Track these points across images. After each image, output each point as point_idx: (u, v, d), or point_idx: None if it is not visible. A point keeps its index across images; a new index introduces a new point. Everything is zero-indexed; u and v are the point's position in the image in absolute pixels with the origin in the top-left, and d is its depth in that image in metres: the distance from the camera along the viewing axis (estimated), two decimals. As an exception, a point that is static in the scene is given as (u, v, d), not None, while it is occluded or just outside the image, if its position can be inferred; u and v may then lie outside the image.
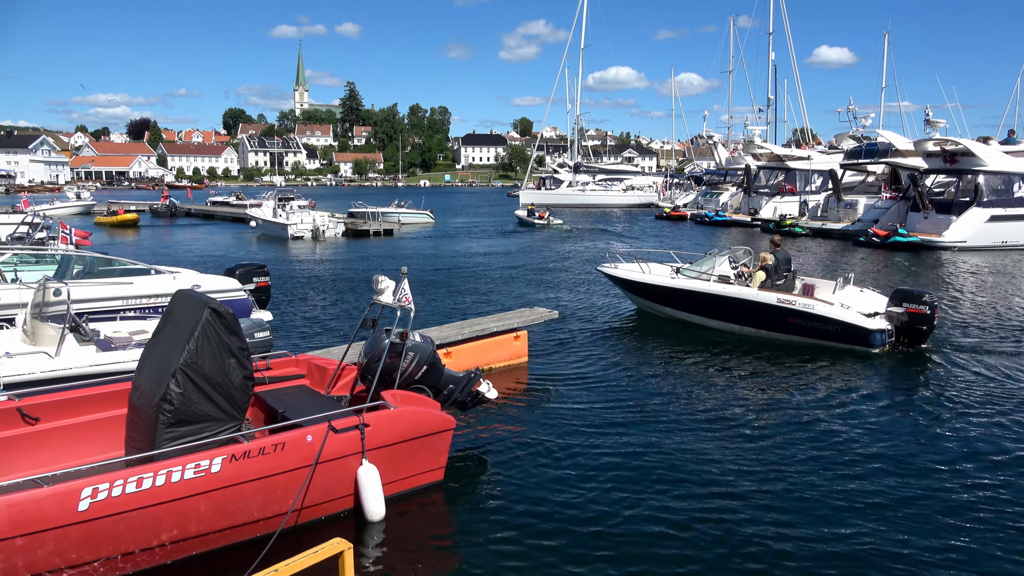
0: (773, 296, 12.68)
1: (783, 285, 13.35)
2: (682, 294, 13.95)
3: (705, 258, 14.78)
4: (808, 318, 12.30)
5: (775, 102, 62.30)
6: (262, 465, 5.58)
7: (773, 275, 13.29)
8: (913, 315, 12.03)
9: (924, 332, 12.11)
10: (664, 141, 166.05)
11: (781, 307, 12.56)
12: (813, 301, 12.44)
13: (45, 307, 8.46)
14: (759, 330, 13.01)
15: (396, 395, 6.71)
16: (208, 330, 5.77)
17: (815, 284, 13.53)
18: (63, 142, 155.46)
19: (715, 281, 13.57)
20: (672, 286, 14.13)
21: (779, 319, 12.63)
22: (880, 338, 12.04)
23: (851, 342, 12.09)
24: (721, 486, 6.95)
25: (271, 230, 36.65)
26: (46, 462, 6.10)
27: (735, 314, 13.26)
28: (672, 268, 14.83)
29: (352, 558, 4.44)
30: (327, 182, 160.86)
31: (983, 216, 30.16)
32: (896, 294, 12.44)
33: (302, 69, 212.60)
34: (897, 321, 12.18)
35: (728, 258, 14.29)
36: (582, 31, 67.96)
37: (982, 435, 8.31)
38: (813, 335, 12.37)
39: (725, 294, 13.29)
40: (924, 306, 11.96)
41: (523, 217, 47.75)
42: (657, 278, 14.53)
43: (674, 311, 14.44)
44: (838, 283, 13.14)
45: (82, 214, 50.94)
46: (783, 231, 37.39)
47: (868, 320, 12.11)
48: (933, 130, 33.83)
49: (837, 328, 12.12)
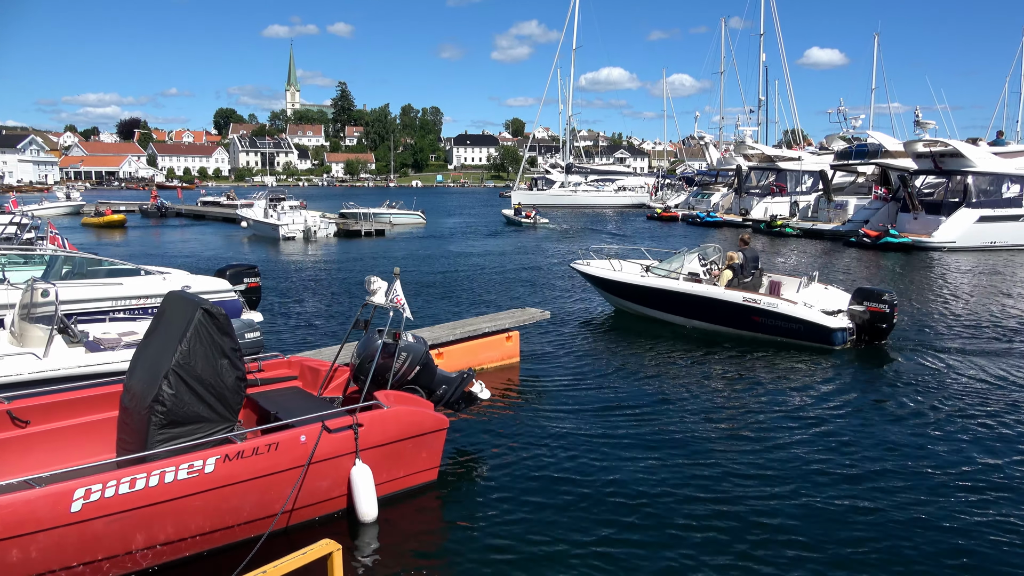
0: (739, 295, 12.93)
1: (750, 283, 13.62)
2: (651, 292, 14.19)
3: (675, 256, 15.00)
4: (772, 316, 12.58)
5: (766, 103, 62.73)
6: (256, 465, 5.56)
7: (740, 274, 13.57)
8: (874, 313, 12.33)
9: (884, 330, 12.42)
10: (656, 142, 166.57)
11: (747, 306, 12.81)
12: (778, 300, 12.75)
13: (33, 308, 8.39)
14: (727, 328, 13.23)
15: (389, 395, 6.70)
16: (200, 331, 5.74)
17: (781, 282, 13.83)
18: (52, 142, 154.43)
19: (685, 279, 13.81)
20: (641, 284, 14.37)
21: (745, 317, 12.88)
22: (841, 336, 12.32)
23: (813, 340, 12.37)
24: (710, 481, 7.00)
25: (262, 231, 36.52)
26: (36, 465, 6.05)
27: (703, 312, 13.49)
28: (643, 266, 15.00)
29: (341, 559, 4.41)
30: (319, 182, 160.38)
31: (972, 217, 30.38)
32: (857, 293, 12.72)
33: (293, 69, 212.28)
34: (858, 319, 12.46)
35: (698, 256, 14.49)
36: (574, 32, 68.15)
37: (935, 428, 8.65)
38: (777, 333, 12.63)
39: (693, 292, 13.53)
40: (884, 304, 12.26)
41: (510, 216, 48.46)
42: (627, 276, 14.72)
43: (644, 308, 14.70)
44: (802, 281, 13.48)
45: (71, 214, 50.60)
46: (774, 231, 37.59)
47: (830, 318, 12.39)
48: (923, 131, 34.03)
49: (800, 326, 12.40)
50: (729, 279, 13.39)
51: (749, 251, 13.95)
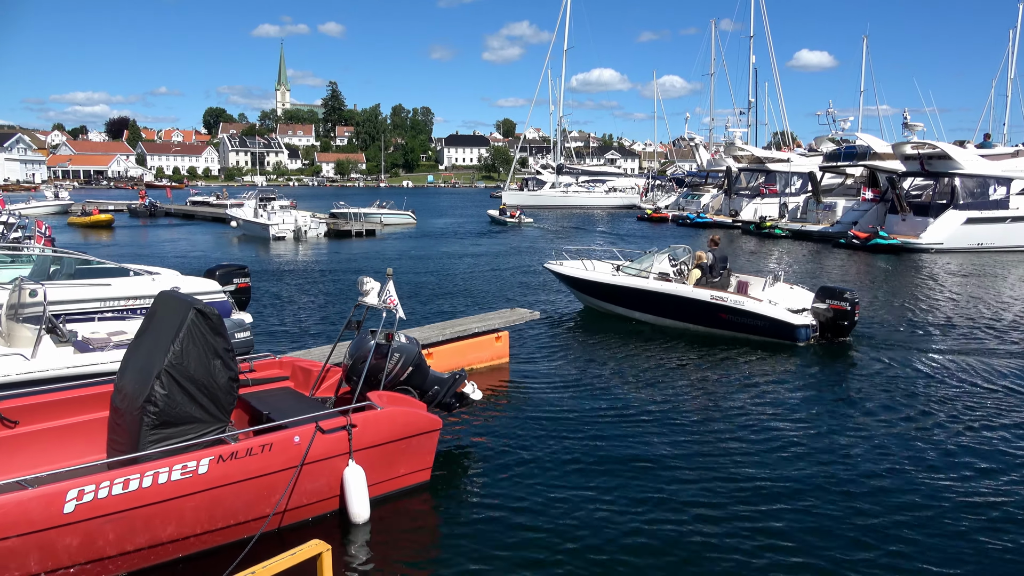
0: (707, 293, 13.30)
1: (719, 282, 13.97)
2: (622, 291, 14.52)
3: (645, 256, 15.34)
4: (739, 314, 12.95)
5: (756, 105, 62.87)
6: (249, 466, 5.55)
7: (709, 273, 13.91)
8: (836, 311, 12.72)
9: (846, 327, 12.80)
10: (647, 143, 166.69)
11: (714, 304, 13.17)
12: (744, 298, 13.14)
13: (21, 308, 8.33)
14: (695, 325, 13.56)
15: (382, 396, 6.70)
16: (193, 331, 5.72)
17: (749, 281, 14.16)
18: (40, 140, 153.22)
19: (655, 279, 14.14)
20: (612, 283, 14.71)
21: (713, 315, 13.24)
22: (805, 333, 12.73)
23: (778, 336, 12.76)
24: (696, 476, 7.07)
25: (252, 230, 36.37)
26: (25, 466, 6.01)
27: (672, 310, 13.84)
28: (614, 266, 15.29)
29: (330, 560, 4.43)
30: (309, 182, 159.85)
31: (959, 218, 30.65)
32: (821, 291, 13.14)
33: (284, 69, 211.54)
34: (822, 317, 12.86)
35: (668, 256, 14.83)
36: (565, 33, 68.24)
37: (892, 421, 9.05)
38: (744, 330, 13.01)
39: (662, 291, 13.88)
40: (846, 303, 12.65)
41: (495, 216, 49.43)
42: (599, 276, 15.03)
43: (615, 307, 14.97)
44: (767, 280, 13.89)
45: (59, 213, 50.20)
46: (763, 233, 37.79)
47: (794, 316, 12.78)
48: (911, 133, 34.29)
49: (765, 324, 12.78)
50: (698, 278, 13.73)
51: (718, 251, 14.32)
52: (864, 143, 39.30)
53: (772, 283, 13.84)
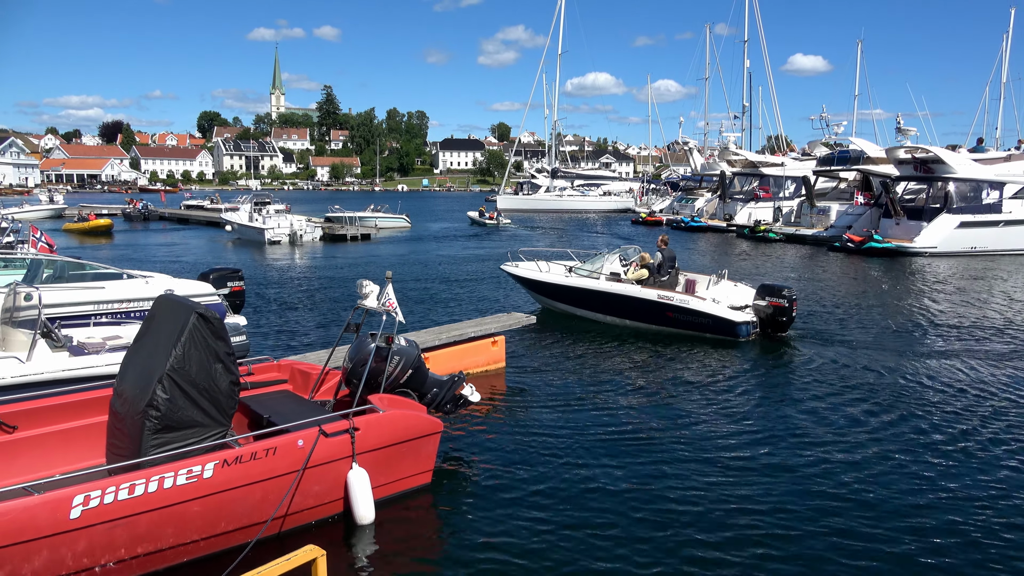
0: (654, 293, 13.82)
1: (667, 281, 14.44)
2: (574, 291, 14.94)
3: (597, 257, 15.78)
4: (684, 312, 13.49)
5: (750, 109, 63.21)
6: (254, 470, 5.54)
7: (657, 272, 14.41)
8: (775, 308, 13.32)
9: (785, 323, 13.41)
10: (641, 147, 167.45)
11: (661, 303, 13.69)
12: (689, 297, 13.72)
13: (16, 312, 8.30)
14: (644, 323, 14.04)
15: (383, 399, 6.70)
16: (195, 335, 5.69)
17: (696, 279, 14.66)
18: (33, 144, 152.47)
19: (607, 279, 14.54)
20: (565, 284, 15.10)
21: (660, 313, 13.75)
22: (745, 329, 13.30)
23: (721, 333, 13.32)
24: (696, 475, 7.11)
25: (247, 234, 36.31)
26: (24, 470, 5.99)
27: (622, 309, 14.30)
28: (567, 267, 15.58)
29: (325, 565, 4.43)
30: (304, 186, 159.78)
31: (953, 222, 30.81)
32: (761, 289, 13.71)
33: (279, 72, 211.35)
34: (762, 313, 13.47)
35: (619, 257, 15.30)
36: (559, 37, 68.46)
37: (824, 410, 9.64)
38: (689, 327, 13.57)
39: (612, 291, 14.31)
40: (784, 300, 13.27)
41: (475, 218, 52.03)
42: (552, 276, 15.38)
43: (568, 307, 15.34)
44: (711, 279, 14.39)
45: (52, 217, 49.94)
46: (757, 236, 37.91)
47: (735, 313, 13.35)
48: (904, 138, 34.47)
49: (709, 321, 13.35)
50: (644, 277, 14.27)
51: (666, 252, 14.76)
52: (858, 147, 39.49)
53: (716, 281, 14.33)
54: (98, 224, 41.50)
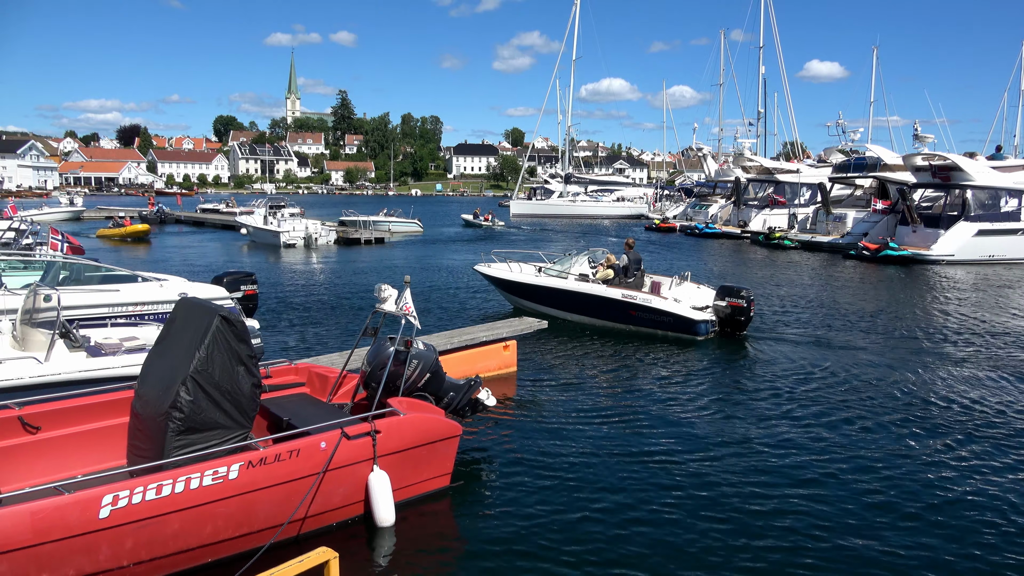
0: (618, 292, 14.44)
1: (633, 282, 15.02)
2: (543, 291, 15.56)
3: (565, 258, 16.41)
4: (647, 311, 14.13)
5: (765, 115, 62.90)
6: (278, 471, 5.58)
7: (623, 274, 15.05)
8: (734, 308, 13.96)
9: (743, 322, 14.05)
10: (655, 153, 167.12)
11: (625, 302, 14.31)
12: (652, 296, 14.35)
13: (35, 313, 8.40)
14: (609, 322, 14.59)
15: (403, 402, 6.75)
16: (218, 337, 5.74)
17: (661, 281, 15.30)
18: (52, 147, 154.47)
19: (575, 279, 15.15)
20: (534, 283, 15.74)
21: (624, 312, 14.37)
22: (704, 327, 13.92)
23: (681, 331, 13.96)
24: (714, 476, 7.10)
25: (262, 238, 36.53)
26: (46, 471, 6.04)
27: (588, 308, 14.90)
28: (536, 267, 16.24)
29: (338, 567, 4.43)
30: (318, 190, 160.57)
31: (970, 230, 30.51)
32: (721, 290, 14.38)
33: (294, 77, 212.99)
34: (721, 313, 14.12)
35: (588, 258, 15.94)
36: (574, 43, 68.33)
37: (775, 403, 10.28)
38: (652, 325, 14.21)
39: (579, 290, 14.90)
40: (742, 300, 13.92)
41: (470, 220, 54.34)
42: (522, 276, 16.00)
43: (538, 306, 15.76)
44: (674, 280, 15.12)
45: (71, 219, 50.49)
46: (773, 243, 37.70)
47: (695, 312, 13.99)
48: (922, 145, 34.21)
49: (670, 319, 14.00)
50: (609, 277, 14.90)
51: (632, 254, 15.35)
52: (874, 154, 39.21)
53: (679, 282, 15.04)
54: (135, 230, 39.10)
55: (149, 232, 39.66)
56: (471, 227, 52.00)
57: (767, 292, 20.92)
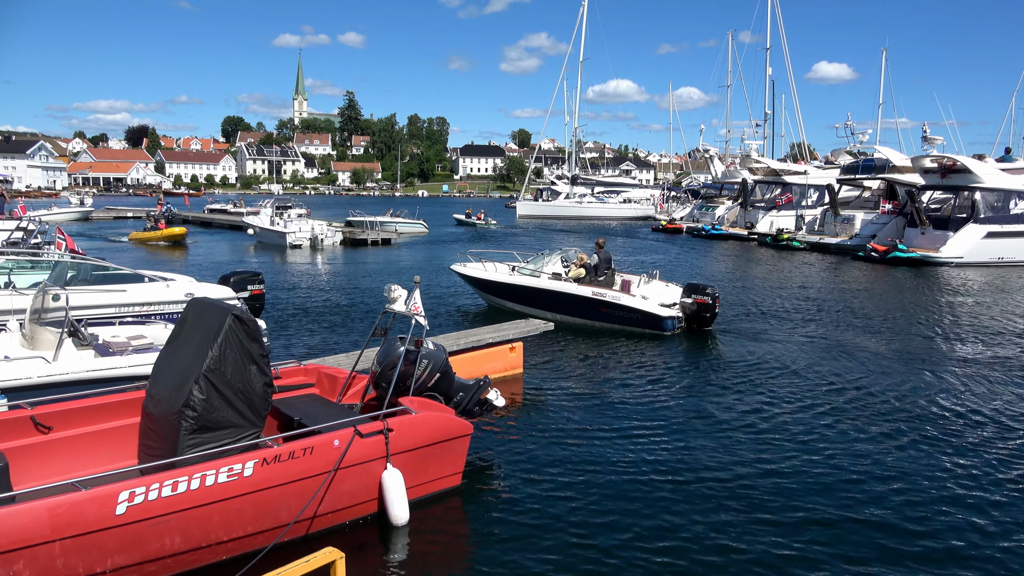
0: (588, 290, 14.87)
1: (604, 280, 15.35)
2: (516, 289, 15.99)
3: (537, 257, 16.90)
4: (615, 308, 14.61)
5: (772, 117, 62.67)
6: (292, 469, 5.58)
7: (593, 272, 15.35)
8: (700, 304, 14.44)
9: (709, 318, 14.56)
10: (662, 154, 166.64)
11: (595, 299, 14.76)
12: (620, 294, 14.79)
13: (44, 312, 8.42)
14: (580, 319, 14.99)
15: (414, 401, 6.76)
16: (231, 336, 5.75)
17: (631, 279, 15.73)
18: (61, 148, 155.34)
19: (547, 278, 15.59)
20: (508, 282, 16.14)
21: (594, 309, 14.80)
22: (671, 323, 14.48)
23: (649, 327, 14.49)
24: (725, 475, 7.06)
25: (269, 238, 36.60)
26: (58, 471, 6.05)
27: (560, 305, 15.27)
28: (510, 266, 16.63)
29: (344, 567, 4.42)
30: (325, 191, 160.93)
31: (980, 232, 30.35)
32: (687, 287, 14.91)
33: (301, 78, 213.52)
34: (687, 310, 14.61)
35: (560, 258, 16.48)
36: (581, 44, 68.26)
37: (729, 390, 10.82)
38: (621, 322, 14.67)
39: (551, 288, 15.36)
40: (708, 297, 14.39)
41: (462, 219, 56.49)
42: (497, 275, 16.34)
43: (511, 304, 16.25)
44: (642, 278, 15.72)
45: (79, 220, 50.74)
46: (780, 245, 37.58)
47: (662, 309, 14.55)
48: (931, 147, 34.07)
49: (638, 316, 14.50)
50: (581, 275, 15.30)
51: (603, 253, 15.67)
52: (883, 156, 39.07)
53: (647, 280, 15.65)
54: (172, 233, 35.80)
55: (186, 235, 36.87)
56: (463, 226, 53.89)
57: (776, 292, 20.84)
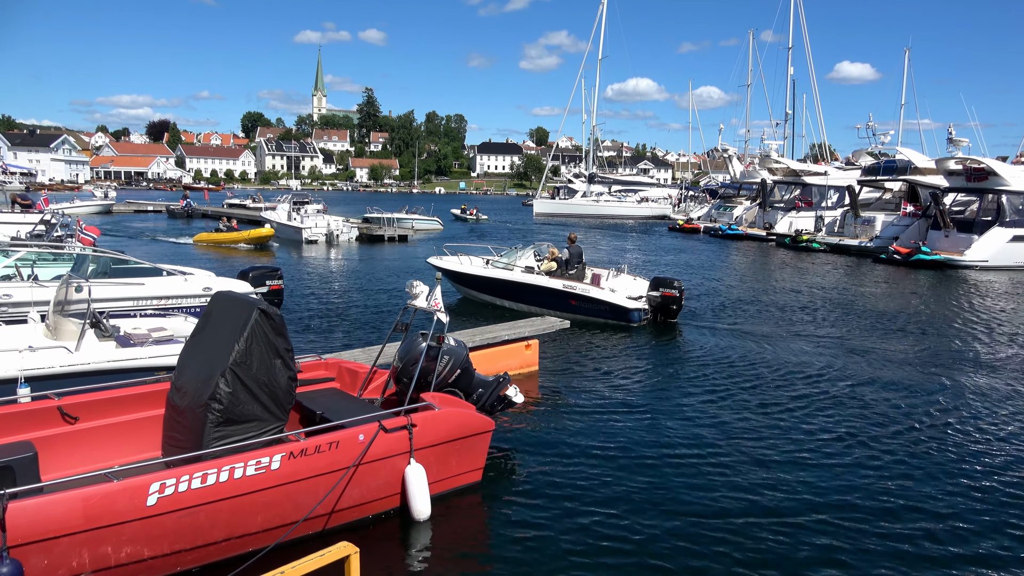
0: (559, 283, 15.48)
1: (575, 274, 15.94)
2: (490, 281, 16.62)
3: (510, 251, 17.47)
4: (585, 300, 15.22)
5: (793, 117, 62.21)
6: (318, 463, 5.61)
7: (565, 266, 15.92)
8: (666, 297, 15.14)
9: (675, 310, 15.30)
10: (680, 153, 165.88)
11: (565, 291, 15.36)
12: (589, 287, 15.38)
13: (67, 303, 8.53)
14: (550, 311, 15.21)
15: (436, 397, 6.78)
16: (257, 331, 5.80)
17: (601, 273, 16.36)
18: (84, 142, 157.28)
19: (521, 271, 16.13)
20: (482, 275, 16.72)
21: (564, 301, 15.35)
22: (637, 315, 15.09)
23: (617, 318, 15.06)
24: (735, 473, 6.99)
25: (285, 233, 36.79)
26: (83, 462, 6.10)
27: (532, 297, 15.86)
28: (484, 260, 17.13)
29: (358, 562, 4.41)
30: (343, 187, 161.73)
31: (1005, 236, 29.90)
32: (654, 281, 15.57)
33: (321, 75, 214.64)
34: (654, 302, 15.27)
35: (533, 252, 16.98)
36: (600, 42, 67.92)
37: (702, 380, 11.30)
38: (590, 314, 15.24)
39: (523, 281, 15.93)
40: (674, 290, 15.09)
41: (457, 215, 58.65)
42: (472, 268, 16.88)
43: (486, 296, 16.90)
44: (611, 272, 16.41)
45: (101, 213, 51.34)
46: (799, 246, 37.22)
47: (629, 301, 15.11)
48: (956, 148, 33.60)
49: (606, 308, 15.07)
50: (552, 269, 15.87)
51: (575, 248, 16.28)
52: (905, 157, 38.57)
53: (616, 274, 16.36)
54: (257, 235, 28.92)
55: (271, 237, 30.84)
56: (459, 221, 56.01)
57: (793, 291, 20.65)
